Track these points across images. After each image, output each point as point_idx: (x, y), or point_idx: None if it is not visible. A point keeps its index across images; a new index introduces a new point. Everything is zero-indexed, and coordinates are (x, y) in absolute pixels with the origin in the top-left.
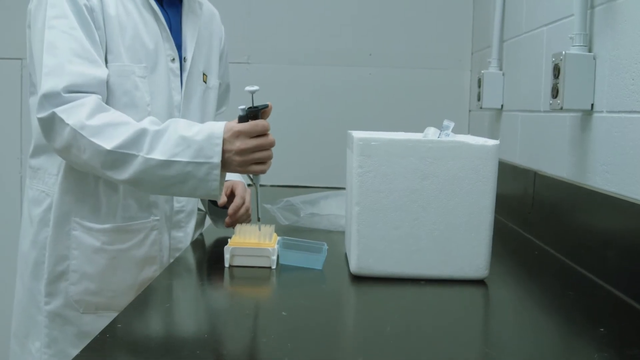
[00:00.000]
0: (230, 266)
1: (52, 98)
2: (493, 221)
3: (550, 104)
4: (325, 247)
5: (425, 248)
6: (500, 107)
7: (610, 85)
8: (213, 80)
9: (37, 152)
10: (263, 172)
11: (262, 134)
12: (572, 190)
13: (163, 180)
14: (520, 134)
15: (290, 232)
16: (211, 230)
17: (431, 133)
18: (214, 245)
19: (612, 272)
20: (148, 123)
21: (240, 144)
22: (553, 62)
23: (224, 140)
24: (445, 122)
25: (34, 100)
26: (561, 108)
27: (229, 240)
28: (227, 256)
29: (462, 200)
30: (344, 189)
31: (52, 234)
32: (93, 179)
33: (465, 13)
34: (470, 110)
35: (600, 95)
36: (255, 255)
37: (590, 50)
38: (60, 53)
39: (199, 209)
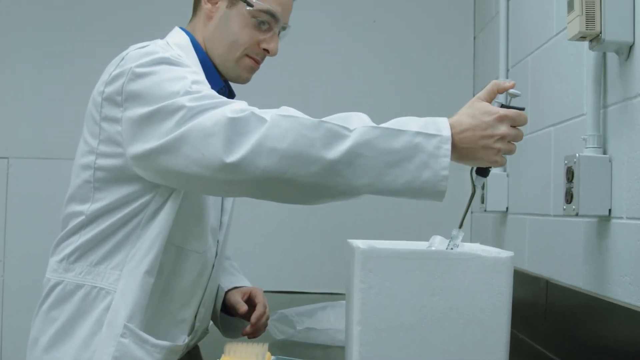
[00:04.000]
0: None
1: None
2: (509, 340)
3: (564, 209)
4: None
5: None
6: (505, 209)
7: (629, 189)
8: None
9: (95, 242)
10: (503, 164)
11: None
12: (589, 302)
13: (386, 155)
14: (528, 238)
15: (285, 348)
16: (203, 344)
17: (437, 242)
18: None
19: None
20: None
21: (505, 129)
22: (566, 164)
23: (484, 124)
24: (454, 232)
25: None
26: (577, 214)
27: None
28: None
29: (475, 318)
30: (342, 294)
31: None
32: (158, 282)
33: None
34: (472, 212)
35: (618, 200)
36: None
37: (605, 152)
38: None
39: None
